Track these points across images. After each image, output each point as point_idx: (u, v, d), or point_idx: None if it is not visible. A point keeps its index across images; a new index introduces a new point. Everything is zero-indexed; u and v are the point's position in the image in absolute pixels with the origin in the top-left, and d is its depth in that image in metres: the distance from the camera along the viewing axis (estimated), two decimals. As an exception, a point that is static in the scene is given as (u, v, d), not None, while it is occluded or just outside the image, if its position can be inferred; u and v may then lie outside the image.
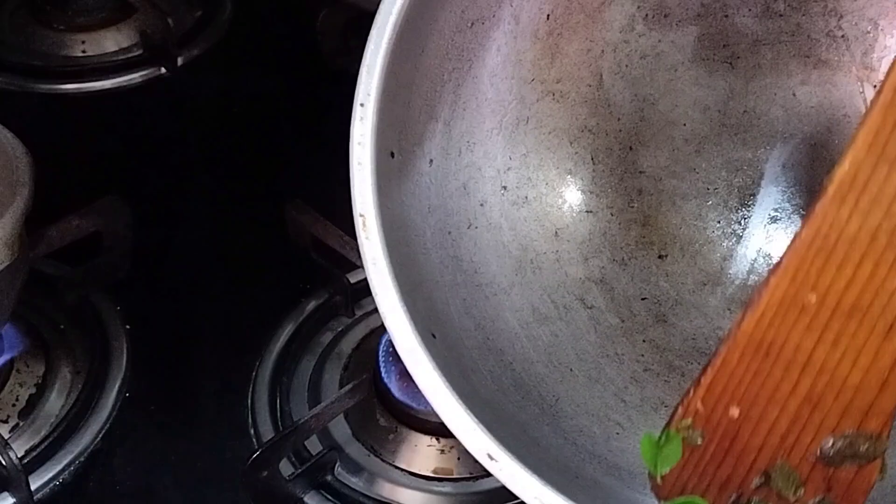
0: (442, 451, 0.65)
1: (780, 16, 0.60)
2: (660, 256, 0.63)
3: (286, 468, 0.63)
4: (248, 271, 0.77)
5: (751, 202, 0.63)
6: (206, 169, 0.85)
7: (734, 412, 0.46)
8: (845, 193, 0.42)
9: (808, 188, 0.62)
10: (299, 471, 0.63)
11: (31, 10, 0.95)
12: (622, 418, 0.58)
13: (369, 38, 0.48)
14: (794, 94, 0.61)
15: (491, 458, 0.47)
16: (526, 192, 0.61)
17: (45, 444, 0.65)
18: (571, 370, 0.59)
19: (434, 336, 0.50)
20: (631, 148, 0.63)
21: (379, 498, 0.64)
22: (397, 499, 0.64)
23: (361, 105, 0.48)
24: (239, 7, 0.98)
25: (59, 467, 0.64)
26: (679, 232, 0.63)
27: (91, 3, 0.95)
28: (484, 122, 0.58)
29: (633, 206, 0.63)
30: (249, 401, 0.69)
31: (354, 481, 0.64)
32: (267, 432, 0.66)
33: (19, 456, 0.61)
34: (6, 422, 0.65)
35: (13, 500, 0.61)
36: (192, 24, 0.96)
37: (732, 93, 0.62)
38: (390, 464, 0.65)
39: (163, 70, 0.91)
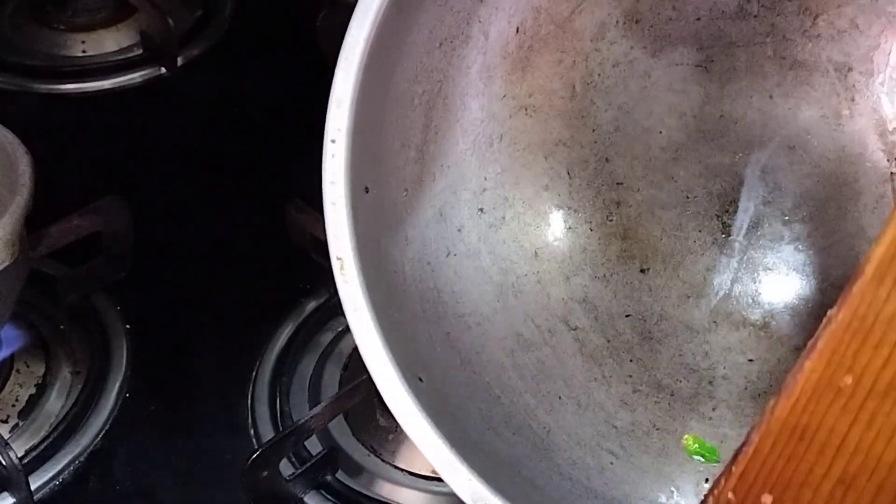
0: (441, 451, 0.65)
1: (755, 16, 0.58)
2: (642, 270, 0.62)
3: (286, 468, 0.63)
4: (248, 271, 0.77)
5: (731, 209, 0.62)
6: (206, 169, 0.85)
7: (766, 500, 0.45)
8: (883, 274, 0.41)
9: (787, 191, 0.61)
10: (299, 471, 0.63)
11: (31, 10, 0.96)
12: (615, 446, 0.57)
13: (337, 68, 0.47)
14: (770, 97, 0.60)
15: None
16: (503, 213, 0.60)
17: (45, 444, 0.65)
18: (560, 398, 0.58)
19: (421, 380, 0.49)
20: (607, 159, 0.62)
21: (379, 498, 0.64)
22: (397, 499, 0.64)
23: (333, 141, 0.47)
24: (239, 7, 0.98)
25: (59, 467, 0.64)
26: (660, 244, 0.62)
27: (91, 3, 0.95)
28: (457, 144, 0.57)
29: (611, 220, 0.62)
30: (249, 401, 0.69)
31: (354, 481, 0.65)
32: (267, 432, 0.66)
33: (19, 456, 0.61)
34: (6, 422, 0.66)
35: (13, 500, 0.62)
36: (192, 24, 0.96)
37: (708, 97, 0.60)
38: (390, 464, 0.65)
39: (163, 70, 0.91)
